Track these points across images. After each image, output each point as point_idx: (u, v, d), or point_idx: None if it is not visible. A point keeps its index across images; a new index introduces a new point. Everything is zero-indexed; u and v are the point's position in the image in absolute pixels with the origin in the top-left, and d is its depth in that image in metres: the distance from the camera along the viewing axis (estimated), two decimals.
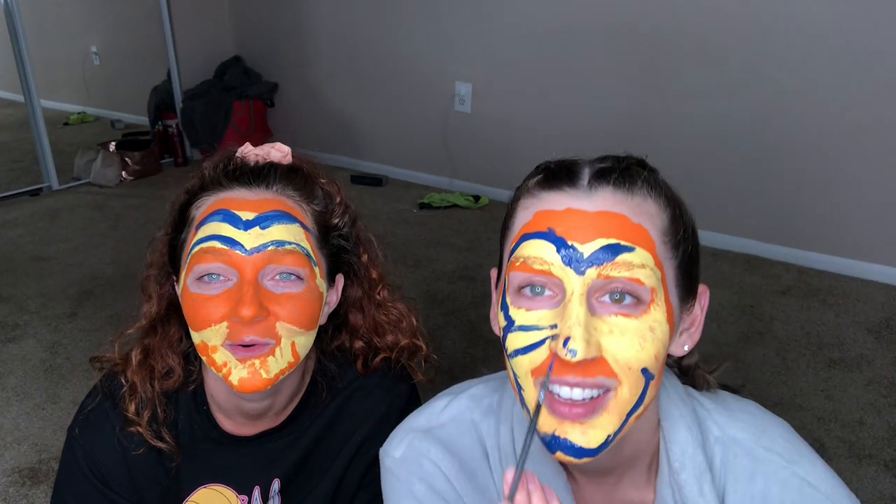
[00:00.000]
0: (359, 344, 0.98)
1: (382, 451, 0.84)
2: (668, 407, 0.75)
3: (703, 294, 0.74)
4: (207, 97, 4.18)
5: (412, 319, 1.02)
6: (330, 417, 0.96)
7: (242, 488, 0.95)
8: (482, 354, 2.34)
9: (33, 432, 2.03)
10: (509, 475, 0.59)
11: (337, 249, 0.92)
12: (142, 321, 0.94)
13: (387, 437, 0.91)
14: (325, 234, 0.89)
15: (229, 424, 0.94)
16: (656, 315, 0.65)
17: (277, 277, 0.82)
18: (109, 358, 0.95)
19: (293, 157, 0.93)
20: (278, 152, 0.91)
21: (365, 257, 0.97)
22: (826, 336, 2.46)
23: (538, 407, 0.64)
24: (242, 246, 0.80)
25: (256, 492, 0.95)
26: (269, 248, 0.81)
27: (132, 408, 0.91)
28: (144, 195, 3.88)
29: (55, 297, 2.76)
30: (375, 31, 3.88)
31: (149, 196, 3.86)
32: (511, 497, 0.58)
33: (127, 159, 4.08)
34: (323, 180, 0.92)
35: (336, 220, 0.92)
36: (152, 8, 4.17)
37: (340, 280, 0.94)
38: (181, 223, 0.88)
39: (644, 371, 0.65)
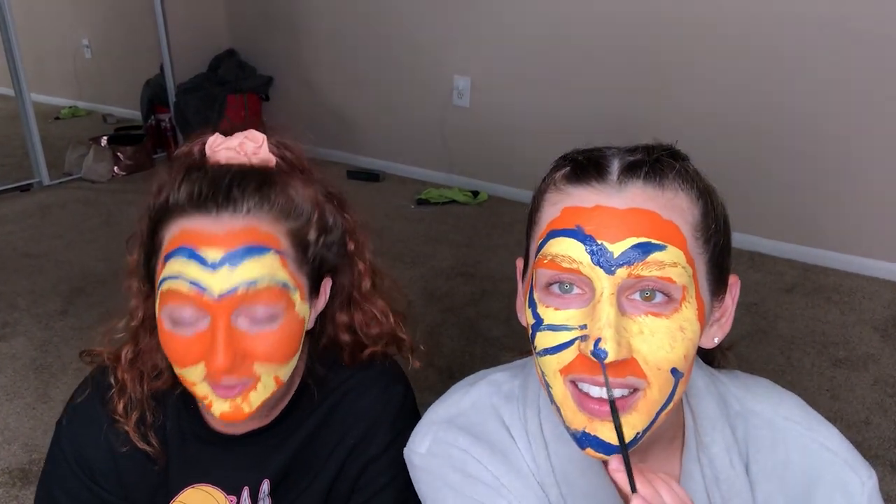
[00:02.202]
0: (346, 337, 0.96)
1: (407, 451, 0.82)
2: (694, 383, 0.76)
3: (734, 285, 0.74)
4: (201, 91, 4.16)
5: (401, 304, 1.00)
6: (321, 417, 0.93)
7: (231, 489, 0.93)
8: (481, 353, 2.32)
9: (24, 432, 2.00)
10: (614, 463, 0.61)
11: (319, 260, 0.86)
12: (131, 321, 0.91)
13: (380, 439, 0.91)
14: (304, 250, 0.83)
15: (217, 423, 0.92)
16: (687, 314, 0.65)
17: (250, 318, 0.77)
18: (100, 352, 0.93)
19: (272, 147, 0.86)
20: (252, 143, 0.84)
21: (352, 246, 0.93)
22: (831, 334, 2.45)
23: (612, 403, 0.64)
24: (210, 290, 0.75)
25: (245, 492, 0.92)
26: (240, 290, 0.75)
27: (120, 407, 0.89)
28: (137, 191, 3.84)
29: (46, 295, 2.73)
30: (372, 23, 3.86)
31: (141, 192, 3.56)
32: (634, 489, 0.60)
33: (119, 154, 4.06)
34: (303, 190, 0.84)
35: (314, 235, 0.85)
36: (145, 0, 4.13)
37: (328, 283, 0.90)
38: (151, 246, 0.83)
39: (673, 371, 0.65)
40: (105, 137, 4.16)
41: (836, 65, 2.73)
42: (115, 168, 4.04)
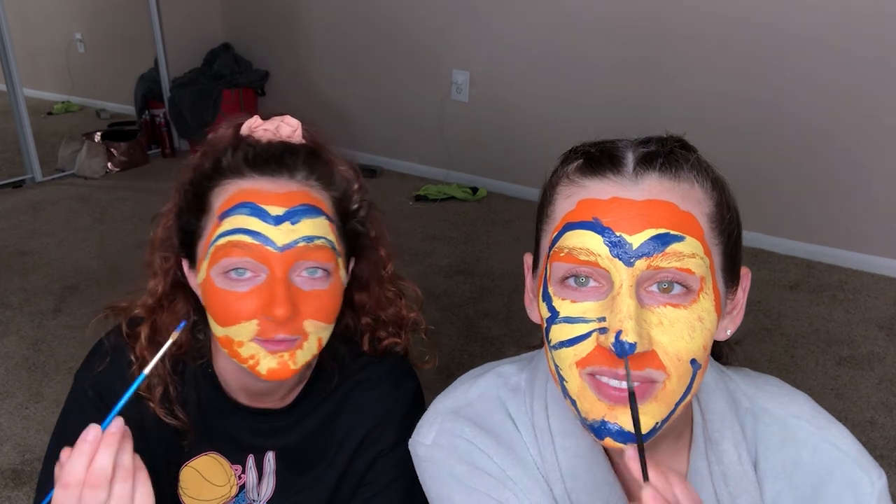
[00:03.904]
0: (365, 320, 0.98)
1: (412, 442, 0.82)
2: (704, 379, 0.75)
3: (746, 276, 0.74)
4: (196, 86, 4.13)
5: (416, 291, 1.04)
6: (333, 407, 0.96)
7: (236, 458, 0.95)
8: (480, 351, 2.31)
9: (16, 432, 2.00)
10: (630, 451, 0.60)
11: (354, 235, 0.92)
12: (147, 299, 0.93)
13: (390, 434, 0.93)
14: (343, 221, 0.89)
15: (238, 393, 0.95)
16: (705, 304, 0.65)
17: (305, 273, 0.82)
18: (125, 307, 0.94)
19: (304, 133, 0.90)
20: (288, 126, 0.89)
21: (373, 232, 0.96)
22: (836, 333, 2.43)
23: (632, 393, 0.63)
24: (273, 242, 0.80)
25: (250, 460, 0.95)
26: (300, 245, 0.81)
27: (143, 384, 0.90)
28: (131, 187, 3.83)
29: (38, 293, 2.72)
30: (370, 16, 3.83)
31: (135, 188, 3.82)
32: (646, 478, 0.59)
33: (113, 150, 4.04)
34: (341, 167, 0.91)
35: (354, 206, 0.91)
36: None
37: (351, 262, 0.94)
38: (198, 209, 0.85)
39: (693, 362, 0.65)
40: (98, 133, 4.14)
41: (840, 61, 2.71)
42: (109, 164, 4.02)
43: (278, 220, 0.80)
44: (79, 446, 0.66)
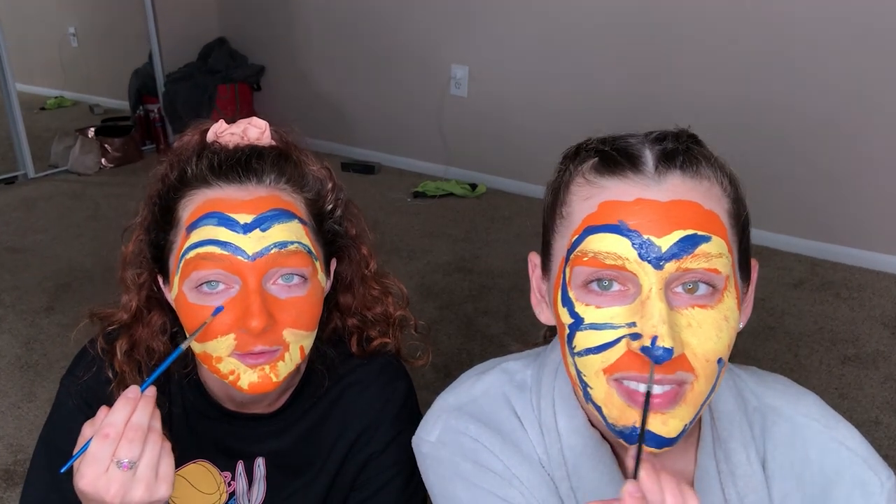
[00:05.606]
0: (352, 321, 0.97)
1: (416, 439, 0.81)
2: None
3: (754, 269, 0.74)
4: (191, 81, 4.13)
5: (401, 289, 1.02)
6: (323, 410, 0.94)
7: (226, 465, 0.94)
8: (479, 350, 2.30)
9: (8, 432, 1.98)
10: (632, 451, 0.60)
11: (332, 236, 0.90)
12: (122, 315, 0.92)
13: (382, 435, 0.91)
14: (319, 222, 0.87)
15: (225, 399, 0.94)
16: (729, 303, 0.65)
17: (281, 281, 0.80)
18: (109, 314, 0.93)
19: (273, 135, 0.89)
20: (255, 129, 0.87)
21: (353, 231, 0.95)
22: (840, 331, 2.43)
23: (648, 395, 0.63)
24: (244, 251, 0.77)
25: (240, 467, 0.94)
26: (273, 251, 0.78)
27: None
28: (125, 183, 3.81)
29: (31, 291, 2.70)
30: (367, 10, 3.82)
31: (129, 184, 3.80)
32: (636, 475, 0.58)
33: (106, 146, 4.03)
34: (313, 167, 0.89)
35: (329, 206, 0.89)
36: None
37: (334, 264, 0.93)
38: (166, 222, 0.84)
39: (719, 361, 0.65)
40: (92, 128, 4.13)
41: (844, 60, 2.71)
42: (103, 160, 4.01)
43: (247, 228, 0.78)
44: (121, 401, 0.70)
